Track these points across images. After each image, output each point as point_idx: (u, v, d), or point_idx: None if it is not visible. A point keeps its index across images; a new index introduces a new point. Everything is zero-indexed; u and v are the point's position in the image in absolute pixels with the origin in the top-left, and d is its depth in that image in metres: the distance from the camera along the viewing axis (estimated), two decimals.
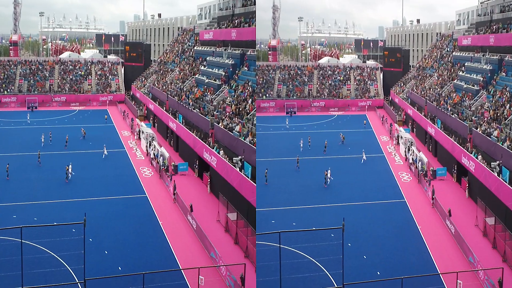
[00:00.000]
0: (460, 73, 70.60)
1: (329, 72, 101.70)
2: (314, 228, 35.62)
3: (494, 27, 67.74)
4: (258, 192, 43.60)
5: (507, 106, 50.99)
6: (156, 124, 71.29)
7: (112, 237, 36.10)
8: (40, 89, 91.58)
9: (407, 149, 58.39)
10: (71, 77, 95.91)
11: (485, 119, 51.55)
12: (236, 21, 66.38)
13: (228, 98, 55.27)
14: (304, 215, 41.71)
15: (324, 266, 32.14)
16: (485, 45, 67.96)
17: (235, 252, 34.44)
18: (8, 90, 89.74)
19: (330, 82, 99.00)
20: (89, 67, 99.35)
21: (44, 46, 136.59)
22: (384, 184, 50.15)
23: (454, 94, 66.11)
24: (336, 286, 29.59)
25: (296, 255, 33.53)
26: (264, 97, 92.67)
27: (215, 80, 61.13)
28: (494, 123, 48.94)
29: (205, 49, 73.20)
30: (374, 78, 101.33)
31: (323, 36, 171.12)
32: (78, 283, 28.05)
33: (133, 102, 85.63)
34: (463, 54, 75.54)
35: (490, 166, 42.25)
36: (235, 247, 35.23)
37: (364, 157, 57.53)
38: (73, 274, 30.14)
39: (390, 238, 37.49)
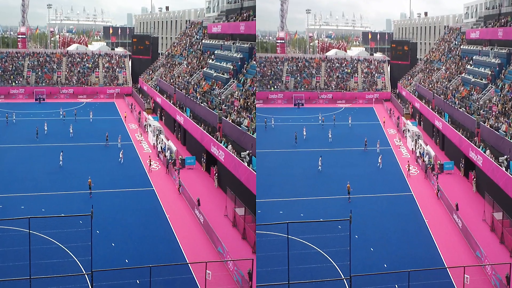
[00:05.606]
0: (468, 66, 70.21)
1: (337, 64, 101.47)
2: (321, 219, 35.66)
3: (503, 20, 67.27)
4: (266, 182, 43.81)
5: None
6: (163, 118, 71.33)
7: (119, 229, 36.29)
8: (48, 81, 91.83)
9: (414, 143, 58.22)
10: (78, 69, 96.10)
11: (493, 113, 51.29)
12: (245, 14, 66.13)
13: (236, 92, 55.15)
14: (312, 206, 41.85)
15: (331, 257, 32.25)
16: (494, 39, 67.50)
17: (242, 247, 34.46)
18: (16, 82, 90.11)
19: (337, 74, 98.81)
20: (97, 59, 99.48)
21: (52, 38, 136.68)
22: (391, 177, 50.12)
23: (462, 88, 65.80)
24: (343, 277, 29.67)
25: (303, 245, 33.58)
26: (272, 88, 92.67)
27: (223, 74, 60.98)
28: (502, 118, 48.70)
29: (213, 42, 73.05)
30: (382, 71, 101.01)
31: (330, 28, 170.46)
32: (86, 275, 28.18)
33: (140, 95, 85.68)
34: (471, 48, 75.07)
35: (498, 160, 42.08)
36: (242, 242, 35.24)
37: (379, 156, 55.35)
38: (80, 265, 30.35)
39: (397, 231, 37.54)
